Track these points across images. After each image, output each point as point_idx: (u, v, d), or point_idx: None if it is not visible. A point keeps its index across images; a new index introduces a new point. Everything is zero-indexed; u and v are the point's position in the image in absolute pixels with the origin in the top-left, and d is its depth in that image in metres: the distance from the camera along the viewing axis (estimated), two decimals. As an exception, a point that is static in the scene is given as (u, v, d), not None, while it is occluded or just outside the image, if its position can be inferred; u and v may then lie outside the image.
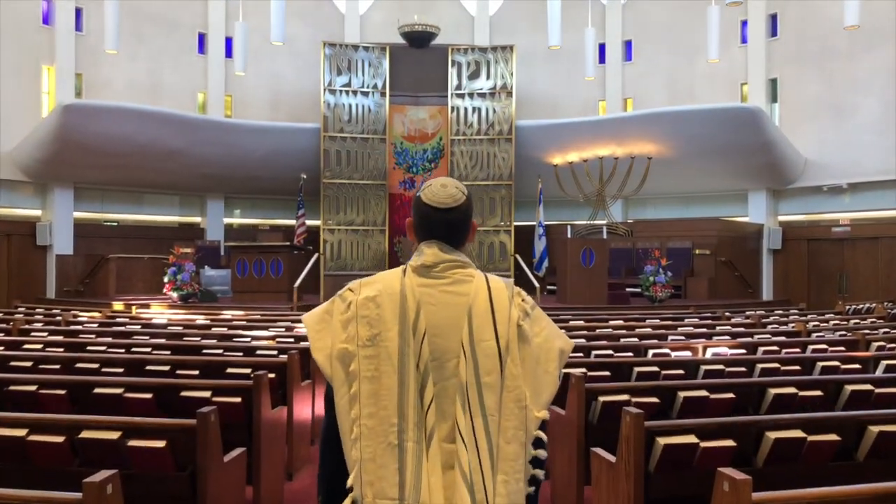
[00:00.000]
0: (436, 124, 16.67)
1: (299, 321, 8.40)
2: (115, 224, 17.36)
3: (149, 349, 5.67)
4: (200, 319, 8.68)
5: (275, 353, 5.56)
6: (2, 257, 15.06)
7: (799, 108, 16.13)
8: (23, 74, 15.15)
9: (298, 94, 17.82)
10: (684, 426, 2.98)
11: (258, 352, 5.58)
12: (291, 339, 6.56)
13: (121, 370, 4.70)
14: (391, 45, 16.56)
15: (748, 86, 16.86)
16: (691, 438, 2.92)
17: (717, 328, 7.87)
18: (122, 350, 5.66)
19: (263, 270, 12.63)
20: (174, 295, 12.06)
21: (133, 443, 2.80)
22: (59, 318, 8.21)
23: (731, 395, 3.95)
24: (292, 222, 15.90)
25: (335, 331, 1.70)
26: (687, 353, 5.90)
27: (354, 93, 16.29)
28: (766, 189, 16.50)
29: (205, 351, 5.59)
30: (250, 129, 16.06)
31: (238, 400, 3.73)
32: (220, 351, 5.61)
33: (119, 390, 3.77)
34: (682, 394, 3.89)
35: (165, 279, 12.16)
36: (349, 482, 1.64)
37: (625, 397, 3.82)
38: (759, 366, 4.99)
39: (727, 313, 9.39)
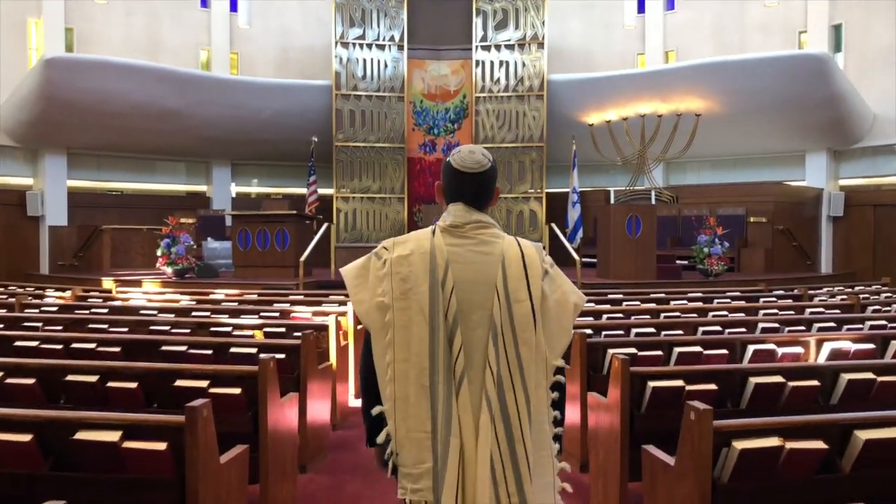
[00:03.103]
0: (459, 80, 15.10)
1: (301, 302, 7.09)
2: (119, 193, 16.10)
3: (93, 345, 4.37)
4: (185, 301, 7.37)
5: (254, 350, 4.23)
6: (-10, 229, 13.90)
7: (866, 58, 14.31)
8: (7, 29, 13.81)
9: (309, 50, 16.33)
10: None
11: (232, 350, 4.24)
12: (283, 329, 5.20)
13: (30, 381, 3.38)
14: (409, -7, 14.98)
15: (807, 34, 15.07)
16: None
17: (808, 312, 6.41)
18: (60, 346, 4.38)
19: (268, 242, 11.26)
20: (168, 270, 10.78)
21: None
22: (12, 300, 6.93)
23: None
24: (303, 190, 14.56)
25: (372, 285, 1.90)
26: (797, 350, 4.47)
27: (369, 46, 14.76)
28: (826, 150, 14.82)
29: (164, 348, 4.27)
30: (255, 86, 14.62)
31: (163, 447, 2.38)
32: (185, 348, 4.28)
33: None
34: (860, 434, 2.48)
35: (158, 252, 10.87)
36: (375, 410, 1.89)
37: (774, 442, 2.41)
38: (923, 374, 3.55)
39: (809, 291, 7.89)
